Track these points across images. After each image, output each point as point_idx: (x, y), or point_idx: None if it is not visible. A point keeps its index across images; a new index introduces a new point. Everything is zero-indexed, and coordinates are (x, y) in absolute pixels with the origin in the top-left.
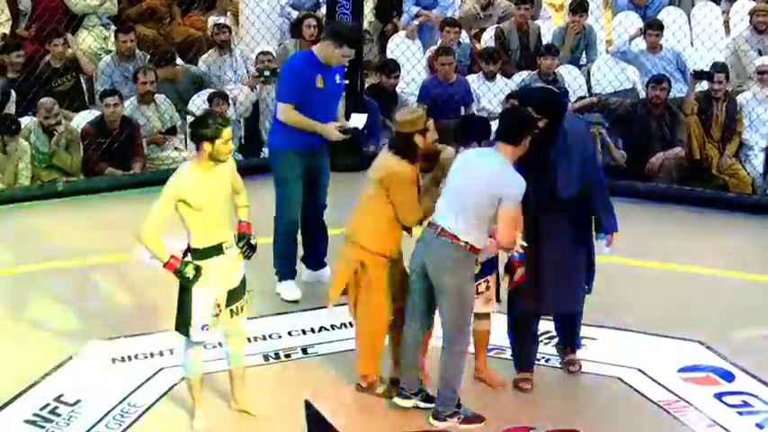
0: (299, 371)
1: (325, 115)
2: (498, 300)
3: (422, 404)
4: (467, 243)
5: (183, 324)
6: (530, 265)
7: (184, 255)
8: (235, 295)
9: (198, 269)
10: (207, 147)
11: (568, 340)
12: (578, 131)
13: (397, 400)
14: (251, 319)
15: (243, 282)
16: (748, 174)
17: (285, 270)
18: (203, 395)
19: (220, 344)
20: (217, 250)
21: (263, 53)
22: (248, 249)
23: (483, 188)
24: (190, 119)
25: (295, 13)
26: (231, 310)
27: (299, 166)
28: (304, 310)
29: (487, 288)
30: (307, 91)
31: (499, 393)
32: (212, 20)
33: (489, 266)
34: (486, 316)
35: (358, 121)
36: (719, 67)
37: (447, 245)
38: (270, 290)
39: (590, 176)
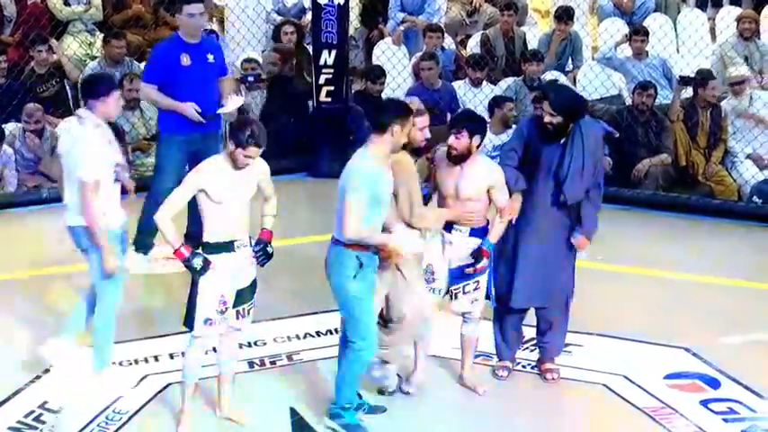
0: (284, 378)
1: (197, 93)
2: (488, 297)
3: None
4: (339, 240)
5: (188, 317)
6: (519, 258)
7: (196, 247)
8: (243, 296)
9: (206, 262)
10: (230, 146)
11: (552, 349)
12: (594, 135)
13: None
14: None
15: (253, 284)
16: (734, 181)
17: (143, 243)
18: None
19: (214, 349)
20: (228, 247)
21: (247, 60)
22: (263, 256)
23: (341, 185)
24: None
25: (280, 20)
26: (238, 312)
27: (179, 153)
28: (290, 317)
29: (476, 289)
30: (170, 70)
31: (485, 401)
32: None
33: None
34: (475, 320)
35: (233, 103)
36: (708, 75)
37: (332, 246)
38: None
39: (596, 183)
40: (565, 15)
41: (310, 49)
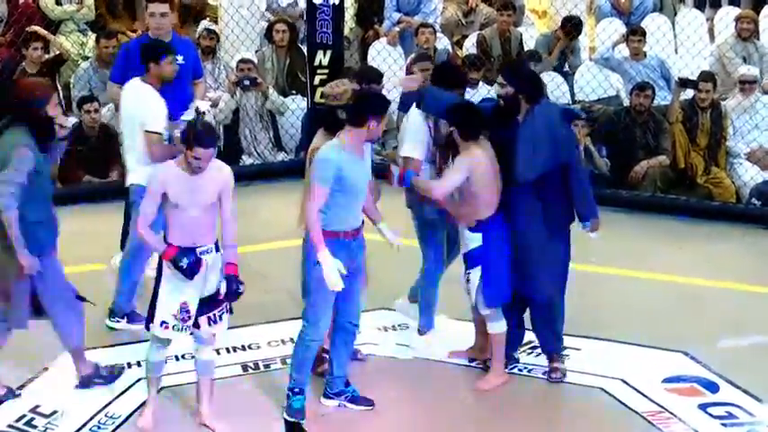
0: (278, 381)
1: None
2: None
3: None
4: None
5: (149, 316)
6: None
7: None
8: (212, 303)
9: (198, 262)
10: (185, 150)
11: (546, 344)
12: (548, 116)
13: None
14: (230, 328)
15: (218, 289)
16: (733, 182)
17: None
18: (170, 406)
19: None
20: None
21: (243, 61)
22: (232, 295)
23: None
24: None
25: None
26: (209, 317)
27: None
28: (284, 320)
29: (468, 281)
30: (135, 70)
31: (482, 404)
32: (203, 24)
33: (472, 260)
34: (485, 315)
35: (198, 107)
36: (706, 76)
37: (306, 233)
38: (249, 300)
39: (559, 162)
40: (573, 30)
41: (304, 49)
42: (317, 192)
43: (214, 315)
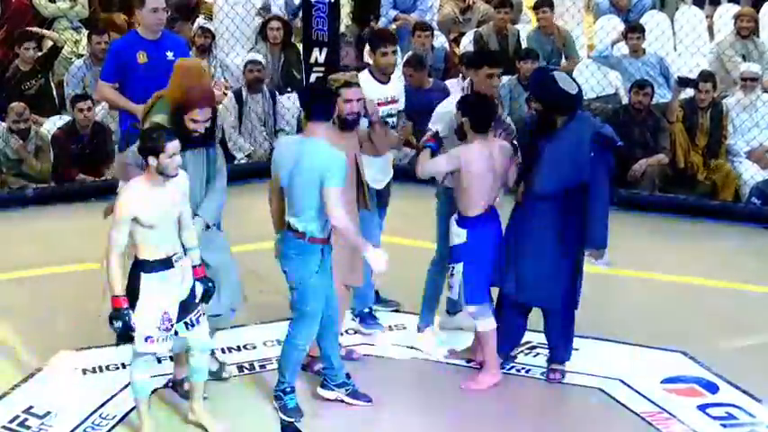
0: (274, 382)
1: (153, 91)
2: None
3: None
4: (303, 233)
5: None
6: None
7: (133, 267)
8: (186, 307)
9: (127, 329)
10: (152, 161)
11: (554, 352)
12: (580, 133)
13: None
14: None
15: (193, 292)
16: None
17: None
18: (165, 405)
19: (171, 358)
20: (166, 264)
21: (252, 62)
22: (207, 297)
23: (308, 178)
24: None
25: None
26: (186, 323)
27: None
28: (279, 321)
29: (452, 275)
30: (127, 68)
31: (481, 405)
32: (199, 21)
33: (456, 255)
34: (468, 312)
35: None
36: (706, 76)
37: (290, 238)
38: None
39: (579, 181)
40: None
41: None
42: (339, 195)
43: (191, 319)
